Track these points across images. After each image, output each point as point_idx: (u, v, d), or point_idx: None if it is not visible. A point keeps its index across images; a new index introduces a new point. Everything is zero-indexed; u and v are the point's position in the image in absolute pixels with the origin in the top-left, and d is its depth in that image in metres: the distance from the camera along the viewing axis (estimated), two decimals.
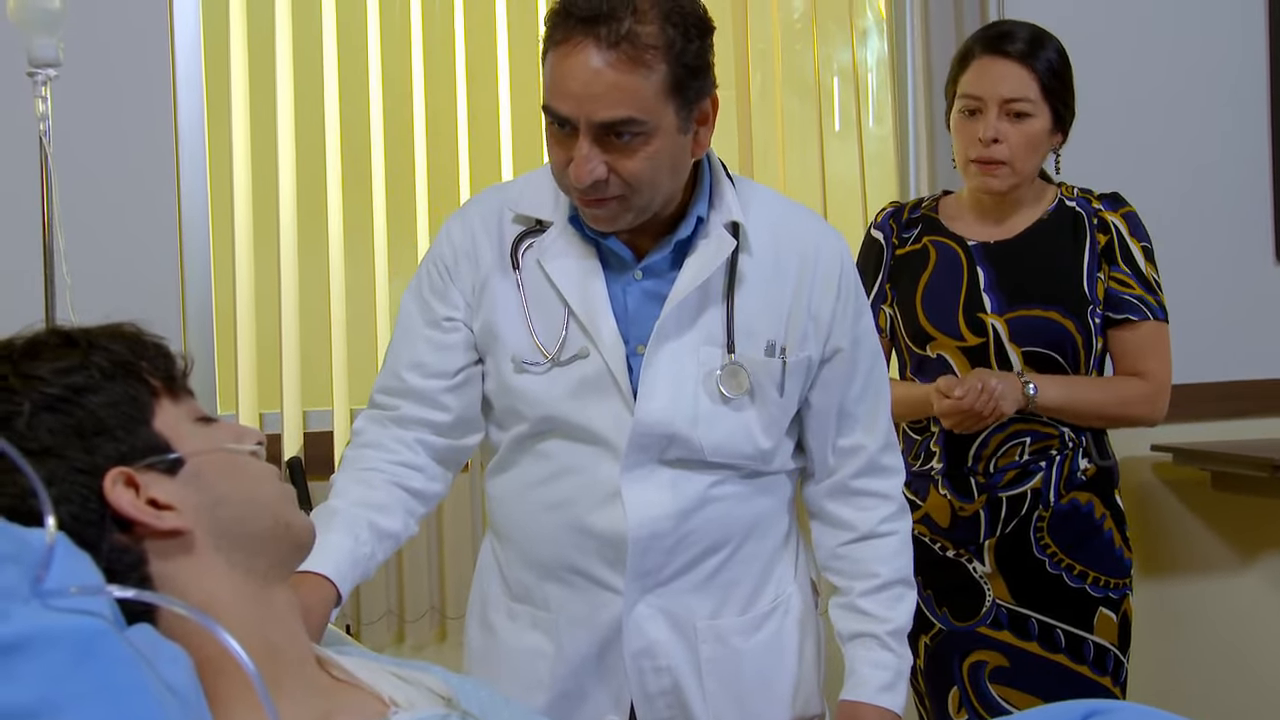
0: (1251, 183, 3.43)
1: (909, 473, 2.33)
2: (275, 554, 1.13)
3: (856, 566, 1.82)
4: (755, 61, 3.17)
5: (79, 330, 1.13)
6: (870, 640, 1.80)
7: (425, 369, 1.76)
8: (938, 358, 2.34)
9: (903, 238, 2.42)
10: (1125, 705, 1.18)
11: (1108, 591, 2.32)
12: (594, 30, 1.54)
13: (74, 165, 2.46)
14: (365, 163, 2.89)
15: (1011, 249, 2.34)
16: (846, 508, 1.83)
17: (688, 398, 1.70)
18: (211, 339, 2.82)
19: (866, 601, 1.80)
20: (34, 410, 1.05)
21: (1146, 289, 2.35)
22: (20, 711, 0.87)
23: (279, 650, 1.09)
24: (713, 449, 1.71)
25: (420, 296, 1.79)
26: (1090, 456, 2.34)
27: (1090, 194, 2.38)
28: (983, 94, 2.28)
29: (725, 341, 1.71)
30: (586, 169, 1.58)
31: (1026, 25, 2.34)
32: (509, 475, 1.80)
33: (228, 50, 2.82)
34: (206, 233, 2.81)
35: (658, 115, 1.58)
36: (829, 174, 3.17)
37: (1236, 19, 3.42)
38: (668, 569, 1.73)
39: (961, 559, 2.34)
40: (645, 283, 1.72)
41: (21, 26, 2.17)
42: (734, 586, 1.78)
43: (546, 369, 1.71)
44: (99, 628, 0.93)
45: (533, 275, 1.73)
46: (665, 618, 1.75)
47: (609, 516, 1.71)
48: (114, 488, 1.05)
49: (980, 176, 2.30)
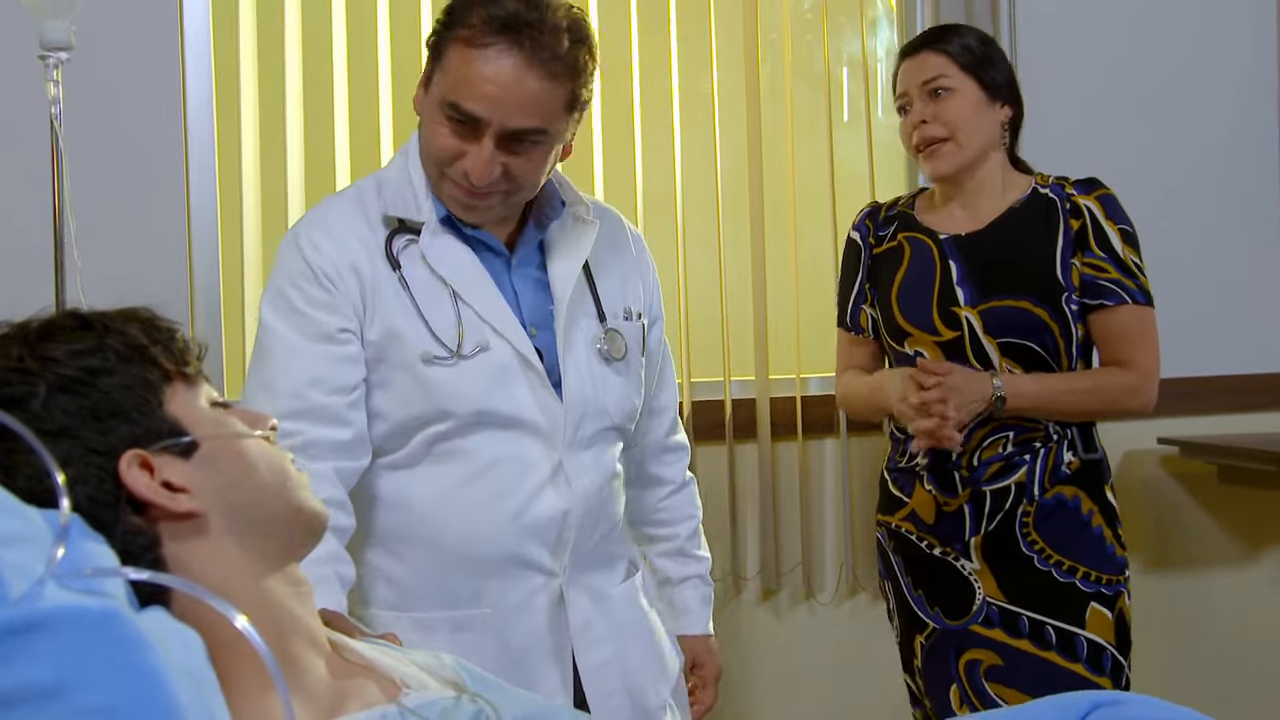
0: (1260, 177, 3.43)
1: (895, 469, 2.39)
2: (288, 537, 1.13)
3: (676, 514, 2.07)
4: (765, 52, 3.16)
5: (94, 313, 1.13)
6: (698, 580, 2.08)
7: (326, 384, 1.72)
8: (915, 354, 2.32)
9: (879, 236, 2.43)
10: (1133, 696, 1.17)
11: (1099, 587, 2.28)
12: (518, 39, 1.63)
13: (84, 149, 2.46)
14: (374, 147, 2.89)
15: (982, 240, 2.32)
16: (662, 465, 2.06)
17: (588, 368, 1.83)
18: (219, 324, 2.83)
19: (690, 545, 2.08)
20: (49, 392, 1.05)
21: (1124, 273, 2.29)
22: (34, 692, 0.87)
23: (292, 632, 1.09)
24: (614, 410, 1.85)
25: (299, 313, 1.74)
26: (1075, 450, 2.30)
27: (1066, 180, 2.35)
28: (906, 88, 2.34)
29: (597, 312, 1.87)
30: (488, 169, 1.69)
31: (943, 25, 2.42)
32: (417, 478, 1.78)
33: (237, 35, 2.83)
34: (215, 218, 2.81)
35: (556, 126, 1.71)
36: (837, 164, 3.17)
37: (1245, 11, 3.42)
38: (588, 544, 1.84)
39: (949, 557, 2.32)
40: (522, 269, 1.83)
41: (34, 10, 2.17)
42: (616, 559, 1.93)
43: (453, 362, 1.74)
44: (113, 609, 0.93)
45: (416, 273, 1.76)
46: (589, 592, 1.85)
47: (547, 499, 1.78)
48: (129, 470, 1.05)
49: (925, 162, 2.33)
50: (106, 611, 0.92)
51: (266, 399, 1.70)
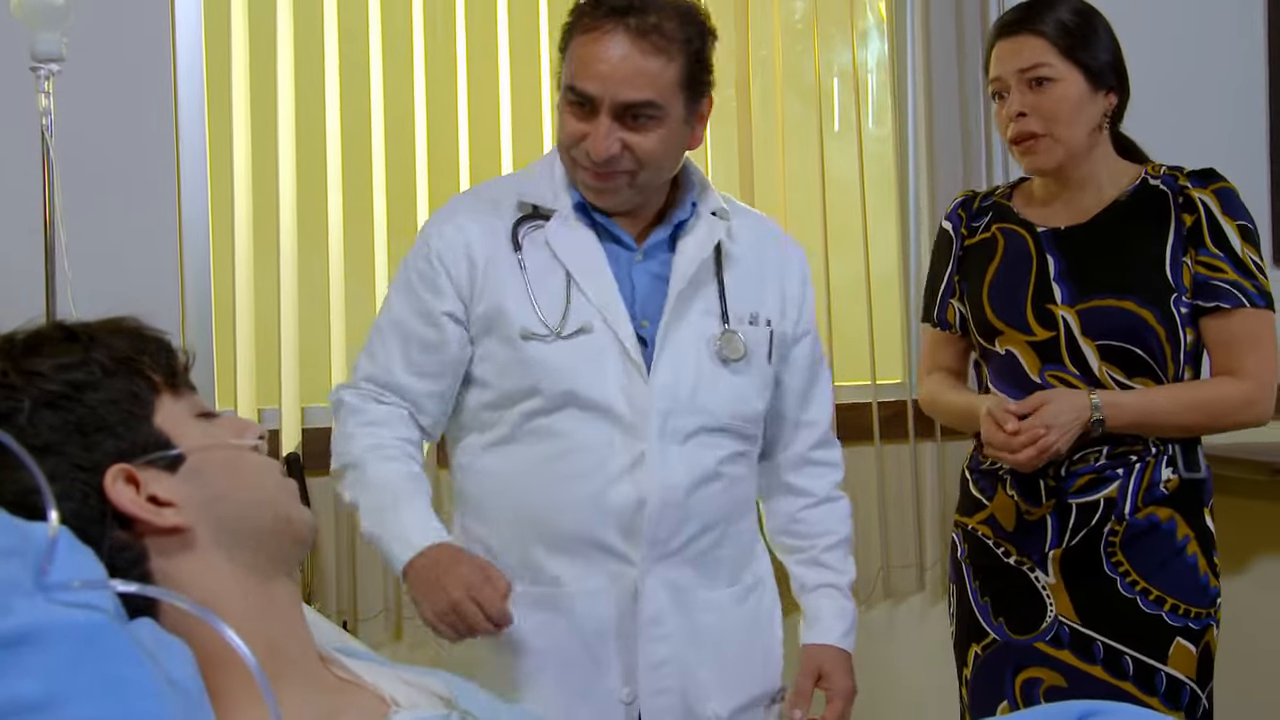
0: (1249, 185, 3.41)
1: (977, 470, 2.26)
2: (276, 549, 1.13)
3: (816, 527, 2.03)
4: (756, 63, 3.17)
5: (80, 325, 1.12)
6: (833, 591, 2.00)
7: (416, 367, 1.89)
8: (1007, 354, 2.17)
9: (972, 227, 2.28)
10: (1121, 706, 1.18)
11: (1187, 621, 2.10)
12: (624, 20, 1.76)
13: (76, 160, 2.46)
14: (366, 160, 2.89)
15: (1084, 234, 2.16)
16: (804, 477, 2.03)
17: (694, 364, 1.86)
18: (210, 335, 2.82)
19: (828, 556, 2.01)
20: (34, 407, 1.05)
21: (1242, 273, 2.10)
22: (24, 705, 0.87)
23: (281, 646, 1.09)
24: (718, 410, 1.87)
25: (410, 287, 1.90)
26: (1175, 467, 2.12)
27: (1179, 171, 2.18)
28: (1001, 73, 2.16)
29: (720, 312, 1.89)
30: (605, 143, 1.77)
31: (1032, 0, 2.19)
32: (513, 454, 1.87)
33: (229, 47, 2.82)
34: (206, 229, 2.81)
35: (671, 102, 1.79)
36: (829, 175, 3.17)
37: (1234, 19, 3.43)
38: (675, 540, 1.85)
39: (1024, 567, 2.17)
40: (646, 264, 1.88)
41: (25, 22, 2.17)
42: (724, 562, 1.92)
43: (551, 340, 1.83)
44: (102, 622, 0.93)
45: (536, 256, 1.86)
46: (668, 589, 1.86)
47: (627, 486, 1.82)
48: (115, 485, 1.05)
49: (1022, 156, 2.16)
50: (95, 625, 0.93)
51: (367, 359, 1.92)
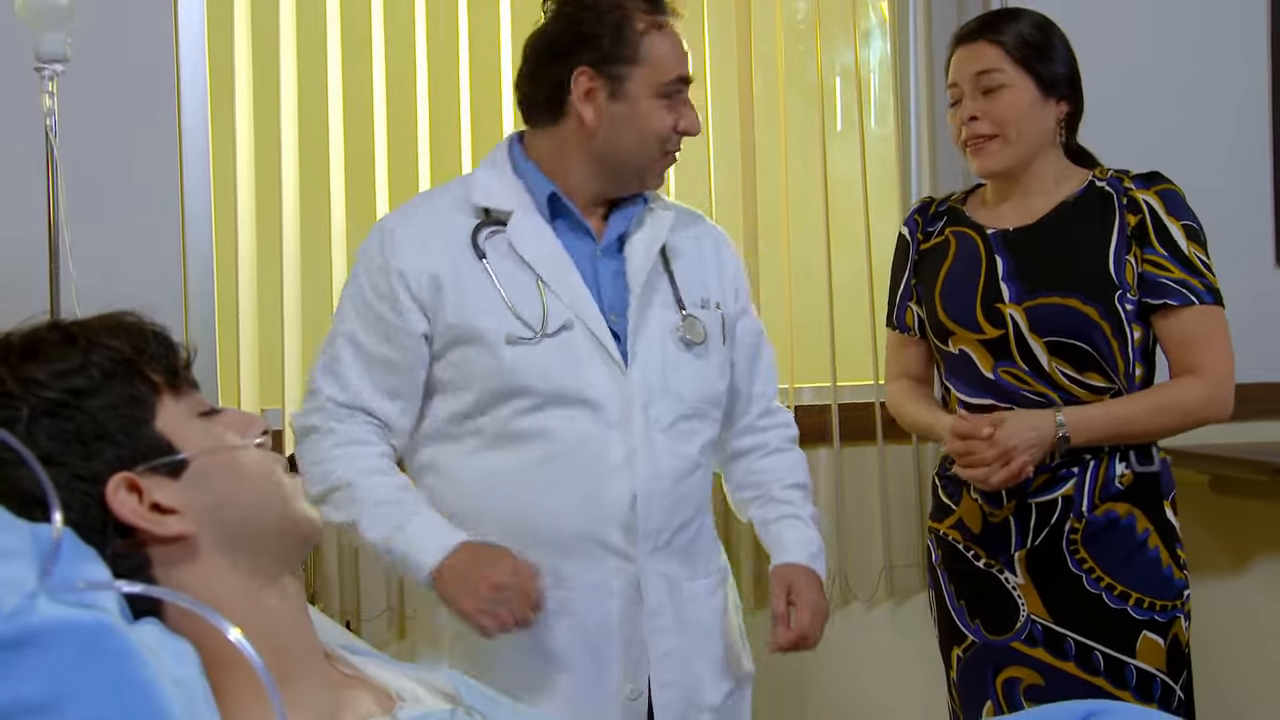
0: (1252, 186, 3.43)
1: (945, 476, 2.30)
2: (280, 550, 1.12)
3: (771, 474, 2.09)
4: (758, 63, 3.17)
5: (78, 325, 1.09)
6: (795, 520, 2.04)
7: (384, 387, 1.90)
8: (960, 353, 2.23)
9: (927, 231, 2.34)
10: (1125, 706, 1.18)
11: (1153, 614, 2.15)
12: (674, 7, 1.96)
13: (79, 160, 2.47)
14: (368, 158, 2.89)
15: (1031, 235, 2.22)
16: (754, 434, 2.10)
17: (661, 352, 1.93)
18: (213, 335, 2.83)
19: (787, 493, 2.07)
20: (32, 416, 1.02)
21: (1189, 271, 2.16)
22: (29, 705, 0.87)
23: (286, 648, 1.08)
24: (688, 395, 1.93)
25: (367, 303, 1.91)
26: (1129, 462, 2.18)
27: (1125, 174, 2.24)
28: (957, 79, 2.24)
29: (675, 300, 1.97)
30: (697, 117, 1.97)
31: (998, 10, 2.28)
32: (497, 459, 1.88)
33: (232, 47, 2.83)
34: (209, 228, 2.82)
35: None
36: (831, 175, 3.17)
37: (1237, 23, 3.42)
38: (666, 532, 1.90)
39: (993, 569, 2.22)
40: (605, 260, 1.95)
41: (30, 22, 2.18)
42: (700, 553, 1.98)
43: (536, 340, 1.86)
44: (106, 622, 0.93)
45: (502, 263, 1.90)
46: (663, 581, 1.91)
47: (619, 480, 1.87)
48: (116, 494, 1.03)
49: (973, 158, 2.23)
50: (99, 625, 0.92)
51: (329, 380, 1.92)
